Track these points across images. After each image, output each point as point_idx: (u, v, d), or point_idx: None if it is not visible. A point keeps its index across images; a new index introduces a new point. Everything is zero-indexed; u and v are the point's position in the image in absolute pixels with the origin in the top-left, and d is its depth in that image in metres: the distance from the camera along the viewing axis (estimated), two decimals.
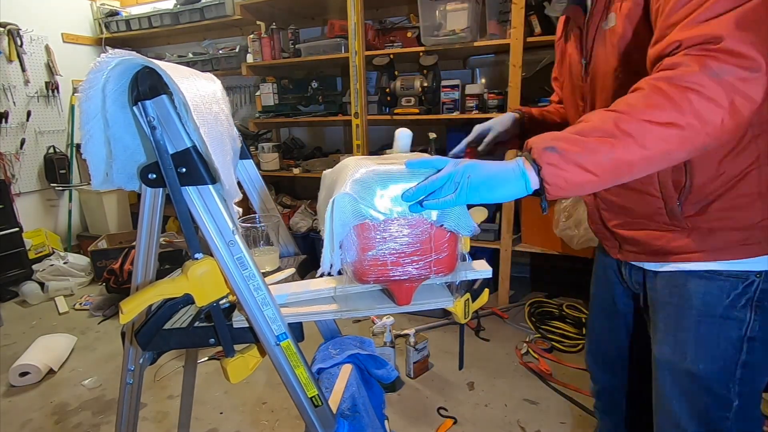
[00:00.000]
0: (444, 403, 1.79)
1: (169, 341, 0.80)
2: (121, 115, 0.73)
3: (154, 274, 0.84)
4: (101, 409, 1.84)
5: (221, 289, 0.76)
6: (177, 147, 0.68)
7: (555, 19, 2.15)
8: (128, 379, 0.89)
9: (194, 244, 0.74)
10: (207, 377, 2.01)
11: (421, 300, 0.80)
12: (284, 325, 0.76)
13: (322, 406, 0.81)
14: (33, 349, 2.16)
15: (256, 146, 3.11)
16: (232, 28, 3.40)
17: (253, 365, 0.82)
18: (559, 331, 2.21)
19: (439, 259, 0.72)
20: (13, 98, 3.24)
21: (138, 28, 3.52)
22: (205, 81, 0.83)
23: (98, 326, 2.56)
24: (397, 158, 0.79)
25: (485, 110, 2.43)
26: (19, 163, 3.31)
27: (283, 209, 3.13)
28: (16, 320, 2.69)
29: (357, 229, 0.67)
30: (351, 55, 2.57)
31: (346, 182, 0.66)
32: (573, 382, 1.86)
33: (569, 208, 2.25)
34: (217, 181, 0.71)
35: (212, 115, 0.75)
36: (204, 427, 1.71)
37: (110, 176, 0.79)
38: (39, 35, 3.37)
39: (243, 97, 3.61)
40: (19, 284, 2.92)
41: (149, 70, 0.66)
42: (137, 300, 0.72)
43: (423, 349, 1.98)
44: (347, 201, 0.65)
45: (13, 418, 1.82)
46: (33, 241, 3.23)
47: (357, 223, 0.66)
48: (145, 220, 0.79)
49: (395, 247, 0.69)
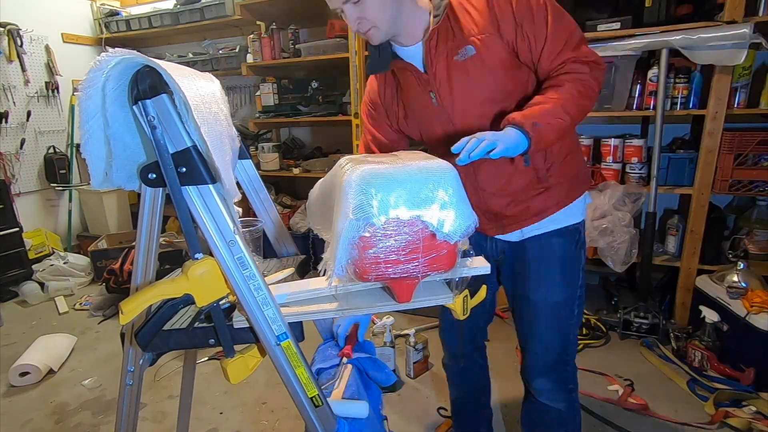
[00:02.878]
0: (444, 403, 1.79)
1: (169, 342, 0.80)
2: (121, 114, 0.73)
3: (154, 274, 0.84)
4: (101, 409, 1.84)
5: (221, 289, 0.76)
6: (177, 146, 0.68)
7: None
8: (128, 380, 0.88)
9: (194, 244, 0.74)
10: (207, 377, 2.01)
11: (421, 297, 0.80)
12: (285, 325, 0.76)
13: (322, 406, 0.81)
14: (33, 349, 2.16)
15: (256, 146, 3.11)
16: (232, 28, 3.39)
17: (253, 365, 0.82)
18: None
19: (439, 256, 0.72)
20: (13, 98, 3.24)
21: (138, 28, 3.52)
22: (204, 81, 0.82)
23: (98, 326, 2.56)
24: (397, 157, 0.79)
25: None
26: (19, 163, 3.31)
27: (283, 209, 3.12)
28: (16, 320, 2.68)
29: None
30: (351, 55, 2.57)
31: (346, 198, 0.68)
32: None
33: None
34: (217, 180, 0.71)
35: (212, 114, 0.75)
36: (204, 427, 1.71)
37: (110, 176, 0.79)
38: (39, 35, 3.37)
39: (243, 97, 3.61)
40: (19, 284, 2.92)
41: (149, 69, 0.66)
42: (137, 301, 0.71)
43: (423, 349, 1.97)
44: (354, 226, 0.67)
45: (13, 418, 1.82)
46: (33, 241, 3.23)
47: (362, 234, 0.68)
48: (145, 220, 0.79)
49: (395, 245, 0.69)
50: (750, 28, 1.77)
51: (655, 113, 2.04)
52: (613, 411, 1.70)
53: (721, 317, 1.88)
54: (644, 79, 2.14)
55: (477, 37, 1.01)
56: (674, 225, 2.27)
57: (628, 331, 2.18)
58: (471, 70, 1.03)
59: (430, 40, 1.03)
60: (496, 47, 1.01)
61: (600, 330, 2.21)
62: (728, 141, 1.98)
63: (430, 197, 0.69)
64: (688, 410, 1.69)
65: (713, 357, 1.86)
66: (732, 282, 1.88)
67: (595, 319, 2.26)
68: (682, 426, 1.61)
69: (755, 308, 1.73)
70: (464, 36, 1.02)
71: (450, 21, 1.03)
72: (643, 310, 2.17)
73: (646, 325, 2.15)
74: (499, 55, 1.01)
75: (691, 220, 2.12)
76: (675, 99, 2.10)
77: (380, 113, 1.19)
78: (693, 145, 2.20)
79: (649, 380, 1.87)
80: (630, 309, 2.18)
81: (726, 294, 1.87)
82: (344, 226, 0.67)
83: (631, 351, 2.09)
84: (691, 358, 1.93)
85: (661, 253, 2.33)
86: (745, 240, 2.12)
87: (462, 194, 0.72)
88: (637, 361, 2.02)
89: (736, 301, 1.82)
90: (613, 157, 2.24)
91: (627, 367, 1.96)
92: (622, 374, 1.91)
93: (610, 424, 1.62)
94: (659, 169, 2.07)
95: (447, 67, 1.04)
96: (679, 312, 2.21)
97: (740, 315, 1.77)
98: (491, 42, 1.00)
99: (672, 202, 2.55)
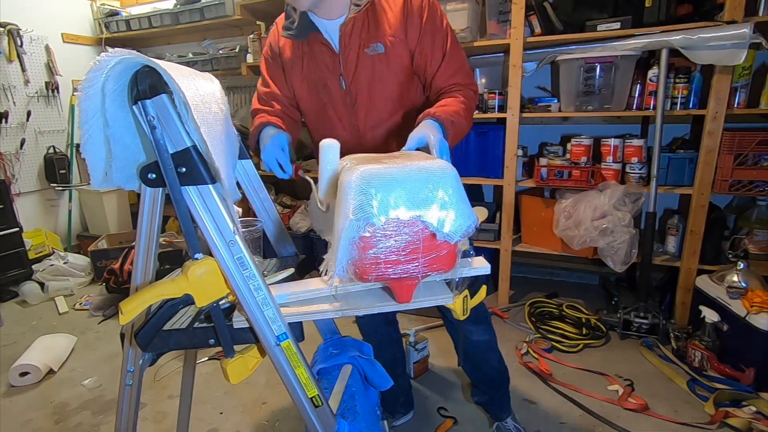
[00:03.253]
0: (444, 403, 1.79)
1: (169, 342, 0.80)
2: (120, 114, 0.73)
3: (154, 274, 0.84)
4: (101, 409, 1.84)
5: (221, 289, 0.76)
6: (177, 146, 0.68)
7: (555, 19, 2.15)
8: (127, 381, 0.88)
9: (194, 244, 0.74)
10: (207, 377, 2.01)
11: (421, 297, 0.80)
12: (284, 325, 0.76)
13: (322, 406, 0.81)
14: (33, 349, 2.16)
15: None
16: (232, 28, 3.39)
17: (252, 366, 0.82)
18: (559, 331, 2.21)
19: (439, 256, 0.72)
20: (13, 98, 3.24)
21: (138, 28, 3.52)
22: (204, 81, 0.82)
23: (98, 326, 2.55)
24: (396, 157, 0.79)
25: (485, 110, 2.42)
26: (19, 163, 3.31)
27: (283, 209, 3.12)
28: (16, 320, 2.68)
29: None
30: None
31: (346, 199, 0.68)
32: (573, 382, 1.86)
33: (569, 208, 2.25)
34: (217, 180, 0.71)
35: (212, 114, 0.75)
36: (204, 427, 1.71)
37: (109, 175, 0.79)
38: (39, 35, 3.37)
39: (243, 97, 3.60)
40: (19, 284, 2.92)
41: (149, 69, 0.66)
42: (137, 301, 0.71)
43: (423, 349, 1.97)
44: (354, 226, 0.67)
45: (13, 418, 1.81)
46: (33, 241, 3.22)
47: (362, 234, 0.68)
48: (145, 220, 0.79)
49: (395, 246, 0.69)
50: (750, 28, 1.77)
51: (655, 113, 2.04)
52: (613, 411, 1.70)
53: (721, 317, 1.88)
54: (644, 79, 2.14)
55: (388, 38, 1.11)
56: (674, 225, 2.27)
57: (628, 331, 2.18)
58: (377, 67, 1.13)
59: (345, 26, 1.11)
60: (401, 52, 1.12)
61: (600, 330, 2.21)
62: (728, 141, 1.98)
63: (429, 197, 0.69)
64: (688, 410, 1.69)
65: (713, 357, 1.86)
66: (732, 282, 1.88)
67: (595, 319, 2.26)
68: (682, 426, 1.61)
69: (755, 308, 1.73)
70: (378, 33, 1.11)
71: (368, 14, 1.11)
72: (643, 310, 2.16)
73: (646, 325, 2.15)
74: (402, 61, 1.13)
75: (691, 220, 2.12)
76: (675, 99, 2.10)
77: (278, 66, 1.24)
78: (693, 145, 2.20)
79: (649, 380, 1.87)
80: (630, 309, 2.18)
81: (726, 294, 1.87)
82: (344, 226, 0.67)
83: (631, 351, 2.08)
84: (691, 358, 1.93)
85: (661, 253, 2.33)
86: (745, 240, 2.12)
87: (462, 194, 0.72)
88: (637, 361, 2.01)
89: (736, 301, 1.82)
90: (613, 157, 2.24)
91: (627, 367, 1.96)
92: (622, 374, 1.91)
93: (610, 424, 1.62)
94: (659, 169, 2.07)
95: (357, 57, 1.12)
96: (679, 312, 2.21)
97: (740, 315, 1.77)
98: (399, 46, 1.11)
99: (672, 202, 2.55)
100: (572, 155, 2.32)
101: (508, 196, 2.42)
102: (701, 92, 2.08)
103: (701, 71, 2.05)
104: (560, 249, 2.38)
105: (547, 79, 2.64)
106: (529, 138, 2.71)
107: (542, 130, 2.73)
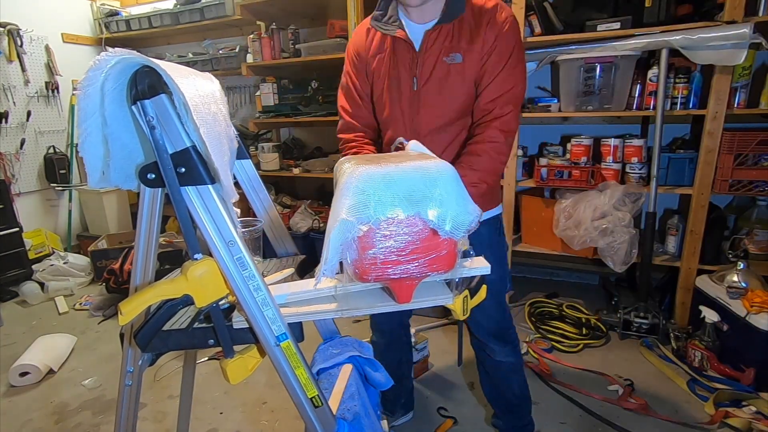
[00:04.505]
0: (444, 403, 1.79)
1: (168, 342, 0.79)
2: (119, 114, 0.73)
3: (154, 274, 0.84)
4: (101, 409, 1.84)
5: (221, 289, 0.75)
6: (176, 147, 0.68)
7: (555, 19, 2.15)
8: (127, 381, 0.88)
9: (193, 244, 0.74)
10: (207, 377, 2.01)
11: (421, 297, 0.80)
12: (284, 326, 0.76)
13: (322, 406, 0.81)
14: (33, 349, 2.16)
15: (256, 146, 3.10)
16: (232, 28, 3.39)
17: (252, 366, 0.82)
18: (558, 331, 2.21)
19: (439, 256, 0.72)
20: (13, 98, 3.24)
21: (138, 28, 3.52)
22: (203, 81, 0.82)
23: (98, 326, 2.55)
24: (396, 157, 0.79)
25: None
26: (19, 163, 3.31)
27: (283, 209, 3.12)
28: (16, 320, 2.68)
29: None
30: None
31: (343, 199, 0.68)
32: (573, 382, 1.86)
33: (569, 208, 2.25)
34: (216, 181, 0.70)
35: (211, 115, 0.75)
36: (204, 427, 1.71)
37: (107, 175, 0.79)
38: (39, 35, 3.37)
39: (243, 97, 3.61)
40: (19, 284, 2.92)
41: (148, 69, 0.65)
42: (136, 301, 0.71)
43: (423, 349, 1.97)
44: (347, 226, 0.67)
45: (13, 418, 1.81)
46: (33, 241, 3.23)
47: (359, 235, 0.68)
48: (144, 221, 0.79)
49: (395, 246, 0.69)
50: (750, 28, 1.77)
51: (655, 113, 2.04)
52: (613, 411, 1.70)
53: (721, 317, 1.88)
54: (644, 79, 2.14)
55: (468, 49, 1.11)
56: (674, 225, 2.27)
57: (628, 331, 2.18)
58: (451, 75, 1.13)
59: (432, 31, 1.13)
60: (476, 64, 1.12)
61: (600, 330, 2.21)
62: (728, 141, 1.98)
63: (428, 196, 0.69)
64: (688, 410, 1.69)
65: (713, 357, 1.86)
66: (732, 282, 1.88)
67: (595, 319, 2.26)
68: (682, 426, 1.61)
69: (755, 308, 1.73)
70: (460, 44, 1.12)
71: (455, 25, 1.13)
72: (643, 310, 2.16)
73: (646, 325, 2.15)
74: (475, 73, 1.13)
75: (691, 220, 2.11)
76: (675, 99, 2.10)
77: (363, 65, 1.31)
78: (693, 145, 2.20)
79: (649, 380, 1.87)
80: (630, 309, 2.18)
81: (726, 294, 1.87)
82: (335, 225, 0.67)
83: (631, 351, 2.08)
84: (691, 358, 1.93)
85: (661, 253, 2.33)
86: (745, 240, 2.12)
87: (462, 191, 0.71)
88: (637, 361, 2.01)
89: (736, 301, 1.82)
90: (613, 157, 2.24)
91: (627, 367, 1.96)
92: (622, 374, 1.91)
93: (610, 424, 1.62)
94: (659, 169, 2.07)
95: (435, 62, 1.14)
96: (679, 312, 2.21)
97: (740, 315, 1.77)
98: (475, 58, 1.12)
99: (672, 202, 2.55)
100: (572, 155, 2.32)
101: (508, 196, 2.42)
102: (701, 92, 2.07)
103: (701, 71, 2.05)
104: (560, 249, 2.38)
105: (547, 79, 2.64)
106: (529, 138, 2.71)
107: (542, 130, 2.73)
